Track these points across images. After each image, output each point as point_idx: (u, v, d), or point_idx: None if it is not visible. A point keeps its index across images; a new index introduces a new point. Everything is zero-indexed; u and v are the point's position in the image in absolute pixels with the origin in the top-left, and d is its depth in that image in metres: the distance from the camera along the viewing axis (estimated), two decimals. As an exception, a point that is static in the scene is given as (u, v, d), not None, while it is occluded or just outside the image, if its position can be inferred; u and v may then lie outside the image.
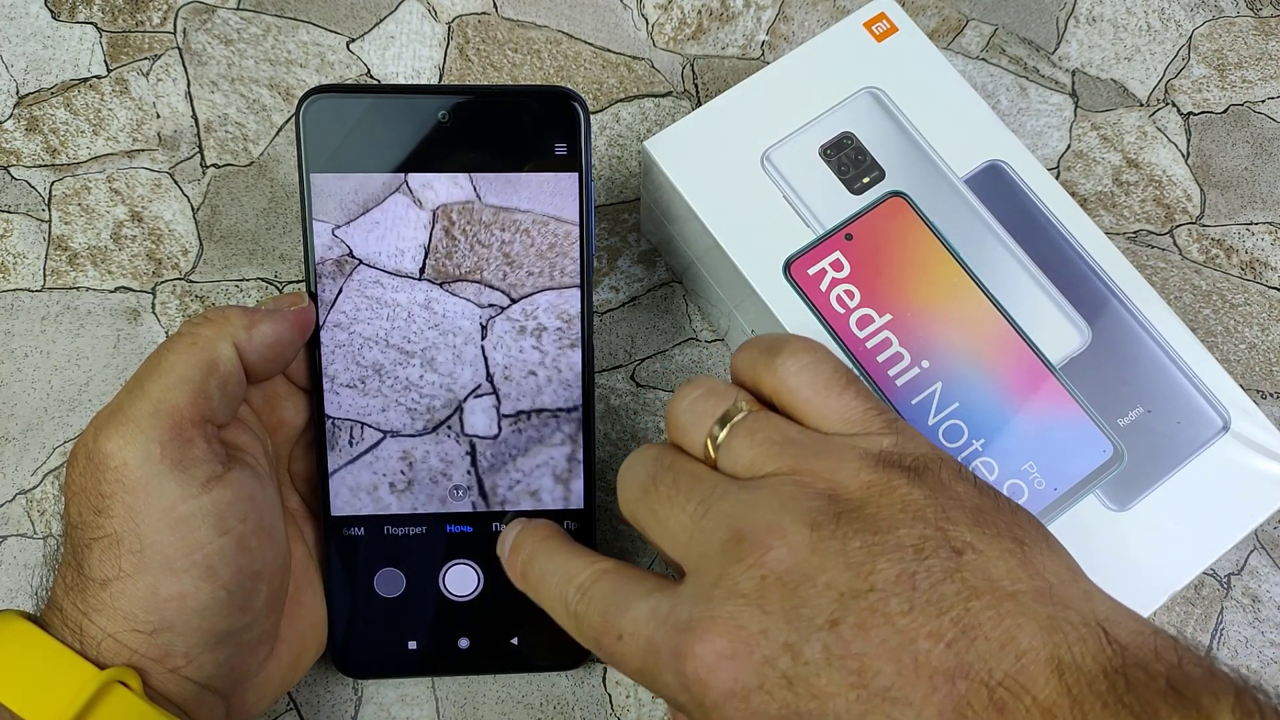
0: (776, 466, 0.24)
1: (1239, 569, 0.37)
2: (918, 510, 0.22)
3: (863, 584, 0.21)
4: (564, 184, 0.31)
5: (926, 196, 0.33)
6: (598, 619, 0.24)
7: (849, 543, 0.22)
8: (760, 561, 0.22)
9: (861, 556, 0.21)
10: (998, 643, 0.20)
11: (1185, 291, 0.40)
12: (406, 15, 0.43)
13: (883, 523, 0.22)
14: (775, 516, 0.22)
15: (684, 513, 0.24)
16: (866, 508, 0.22)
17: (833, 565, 0.21)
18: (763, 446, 0.24)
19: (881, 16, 0.35)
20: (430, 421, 0.32)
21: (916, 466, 0.23)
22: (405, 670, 0.33)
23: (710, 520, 0.23)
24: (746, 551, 0.22)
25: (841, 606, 0.21)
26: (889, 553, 0.21)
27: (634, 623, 0.23)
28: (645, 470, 0.26)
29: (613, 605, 0.24)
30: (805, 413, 0.25)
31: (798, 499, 0.23)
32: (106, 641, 0.26)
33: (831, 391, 0.25)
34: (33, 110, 0.41)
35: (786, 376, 0.25)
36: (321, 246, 0.31)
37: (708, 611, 0.22)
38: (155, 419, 0.26)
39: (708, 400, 0.26)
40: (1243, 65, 0.43)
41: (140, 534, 0.26)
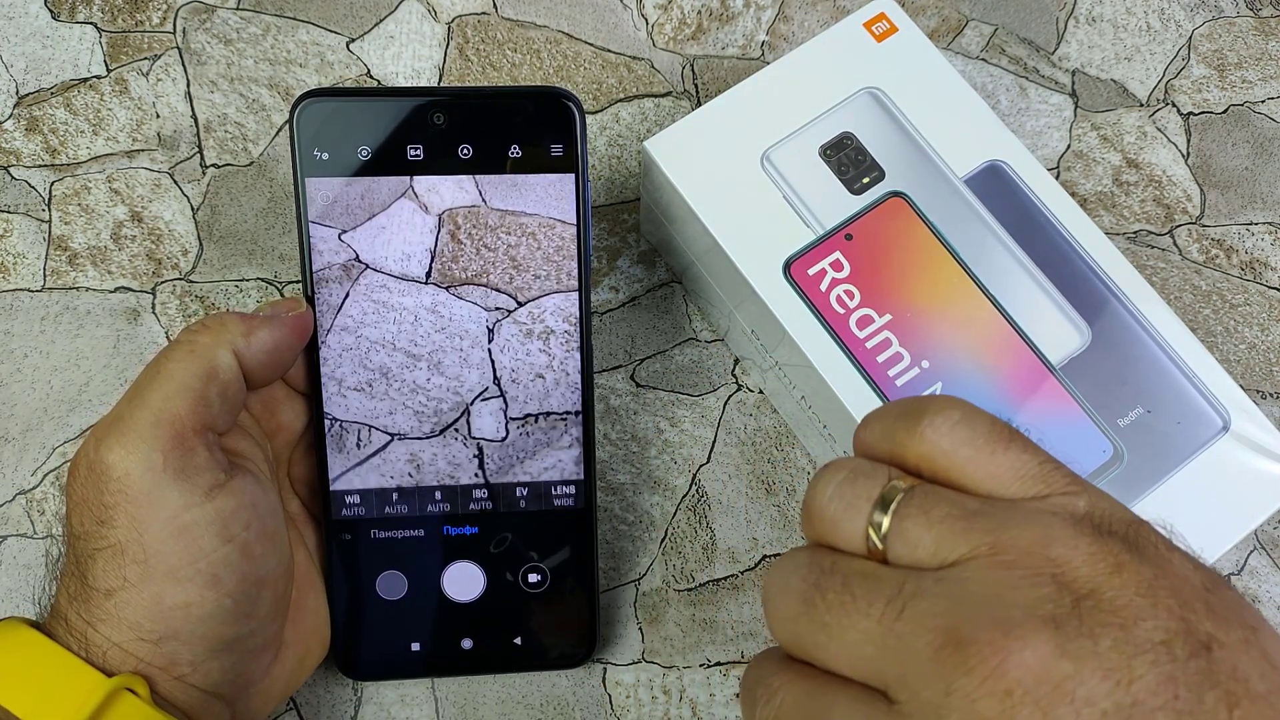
0: (970, 548, 0.19)
1: (1239, 569, 0.37)
2: (1154, 594, 0.18)
3: (1125, 696, 0.17)
4: (563, 185, 0.31)
5: (926, 197, 0.33)
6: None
7: (1099, 642, 0.18)
8: (1000, 672, 0.18)
9: (1116, 660, 0.18)
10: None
11: (1185, 291, 0.40)
12: (406, 15, 0.43)
13: (1125, 612, 0.18)
14: (1000, 611, 0.18)
15: (867, 619, 0.20)
16: (1102, 593, 0.18)
17: (1089, 673, 0.18)
18: (944, 524, 0.20)
19: (881, 17, 0.35)
20: (437, 425, 0.32)
21: (1131, 536, 0.19)
22: (408, 672, 0.33)
23: (907, 623, 0.19)
24: (976, 659, 0.18)
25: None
26: (1143, 653, 0.18)
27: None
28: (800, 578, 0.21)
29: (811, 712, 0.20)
30: (970, 476, 0.21)
31: (1018, 587, 0.19)
32: (112, 650, 0.26)
33: (996, 447, 0.21)
34: (33, 110, 0.41)
35: (938, 438, 0.21)
36: (328, 251, 0.31)
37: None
38: (156, 428, 0.26)
39: (855, 483, 0.22)
40: (1243, 65, 0.43)
41: (144, 544, 0.26)
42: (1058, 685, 0.17)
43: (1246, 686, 0.18)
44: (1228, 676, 0.18)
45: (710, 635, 0.36)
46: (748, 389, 0.38)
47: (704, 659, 0.35)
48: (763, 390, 0.38)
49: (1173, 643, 0.18)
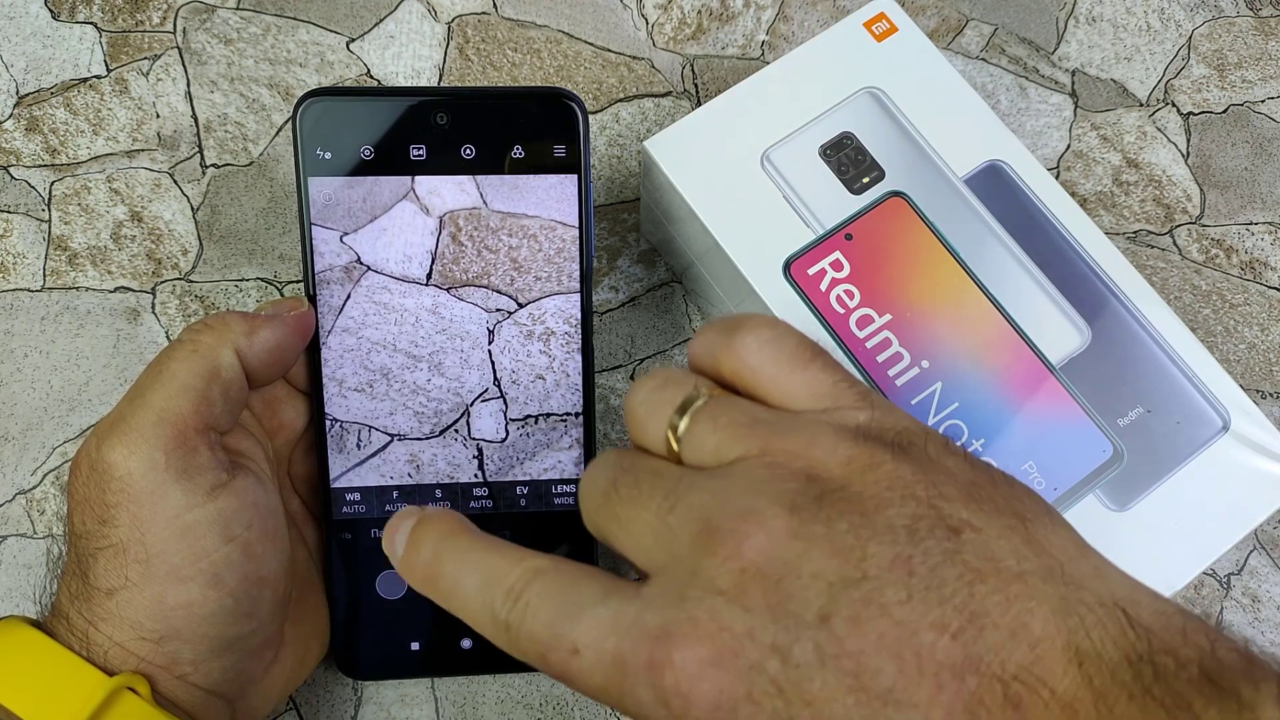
0: (745, 449, 0.21)
1: (1239, 569, 0.37)
2: (906, 487, 0.20)
3: (854, 571, 0.19)
4: (564, 186, 0.31)
5: (926, 196, 0.33)
6: (541, 630, 0.21)
7: (835, 526, 0.19)
8: (737, 552, 0.19)
9: (850, 540, 0.19)
10: (1008, 631, 0.18)
11: (1185, 291, 0.40)
12: (406, 15, 0.43)
13: (870, 502, 0.20)
14: (749, 502, 0.20)
15: (648, 511, 0.21)
16: (850, 486, 0.20)
17: (819, 552, 0.19)
18: (727, 430, 0.22)
19: (881, 16, 0.35)
20: (438, 425, 0.32)
21: (900, 441, 0.21)
22: (408, 671, 0.33)
23: (677, 515, 0.21)
24: (720, 543, 0.20)
25: (832, 599, 0.18)
26: (880, 535, 0.19)
27: (592, 633, 0.20)
28: (605, 475, 0.23)
29: (560, 613, 0.21)
30: (770, 391, 0.23)
31: (772, 481, 0.20)
32: (113, 650, 0.26)
33: (796, 365, 0.23)
34: (33, 110, 0.41)
35: (746, 355, 0.23)
36: (329, 252, 0.31)
37: (683, 613, 0.19)
38: (159, 428, 0.26)
39: (664, 390, 0.23)
40: (1243, 65, 0.43)
41: (146, 543, 0.26)
42: (787, 562, 0.19)
43: (997, 566, 0.19)
44: (976, 556, 0.19)
45: (710, 635, 0.36)
46: (748, 389, 0.38)
47: (704, 659, 0.35)
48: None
49: (916, 527, 0.19)
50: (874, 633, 0.18)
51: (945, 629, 0.18)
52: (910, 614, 0.18)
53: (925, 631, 0.18)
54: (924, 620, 0.18)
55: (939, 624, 0.18)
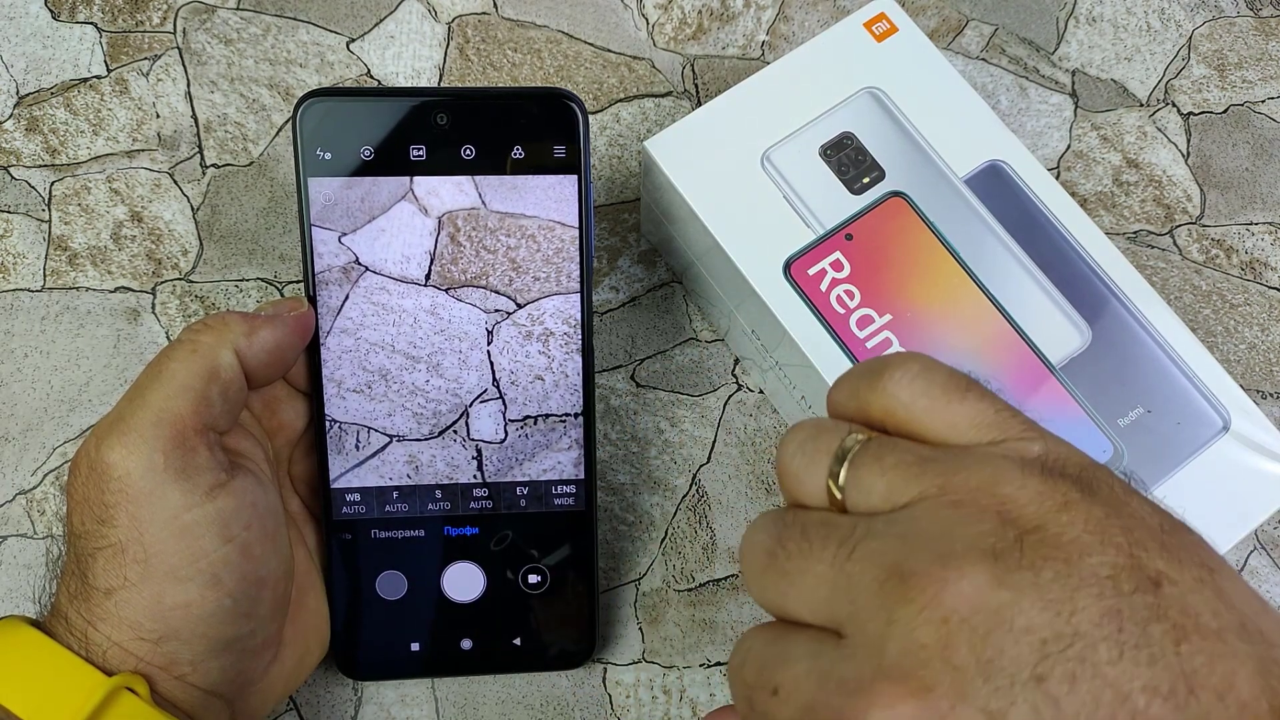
0: (921, 490, 0.20)
1: (1239, 569, 0.37)
2: (1104, 532, 0.19)
3: (1065, 626, 0.17)
4: (564, 186, 0.31)
5: (926, 196, 0.33)
6: (752, 672, 0.21)
7: (1040, 574, 0.18)
8: (937, 601, 0.18)
9: (1058, 591, 0.18)
10: (1216, 693, 0.17)
11: (1185, 292, 0.40)
12: (406, 15, 0.43)
13: (1071, 547, 0.18)
14: (942, 545, 0.19)
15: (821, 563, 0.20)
16: (1047, 528, 0.19)
17: (1028, 603, 0.18)
18: (896, 470, 0.20)
19: (881, 17, 0.35)
20: (436, 426, 0.32)
21: (1084, 477, 0.20)
22: (408, 672, 0.33)
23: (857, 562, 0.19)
24: (916, 590, 0.18)
25: (1045, 656, 0.17)
26: (1087, 585, 0.18)
27: (792, 677, 0.20)
28: (767, 534, 0.22)
29: (769, 655, 0.21)
30: (929, 427, 0.22)
31: (963, 523, 0.19)
32: (112, 650, 0.26)
33: (953, 396, 0.21)
34: (33, 110, 0.41)
35: (898, 391, 0.22)
36: (328, 253, 0.31)
37: (880, 667, 0.18)
38: (158, 428, 0.26)
39: (818, 439, 0.22)
40: (1243, 65, 0.43)
41: (145, 543, 0.26)
42: (995, 613, 0.18)
43: (1196, 621, 0.18)
44: (1177, 612, 0.18)
45: (710, 635, 0.36)
46: (748, 389, 0.38)
47: (704, 659, 0.35)
48: (763, 390, 0.38)
49: (1119, 578, 0.18)
50: (1090, 695, 0.17)
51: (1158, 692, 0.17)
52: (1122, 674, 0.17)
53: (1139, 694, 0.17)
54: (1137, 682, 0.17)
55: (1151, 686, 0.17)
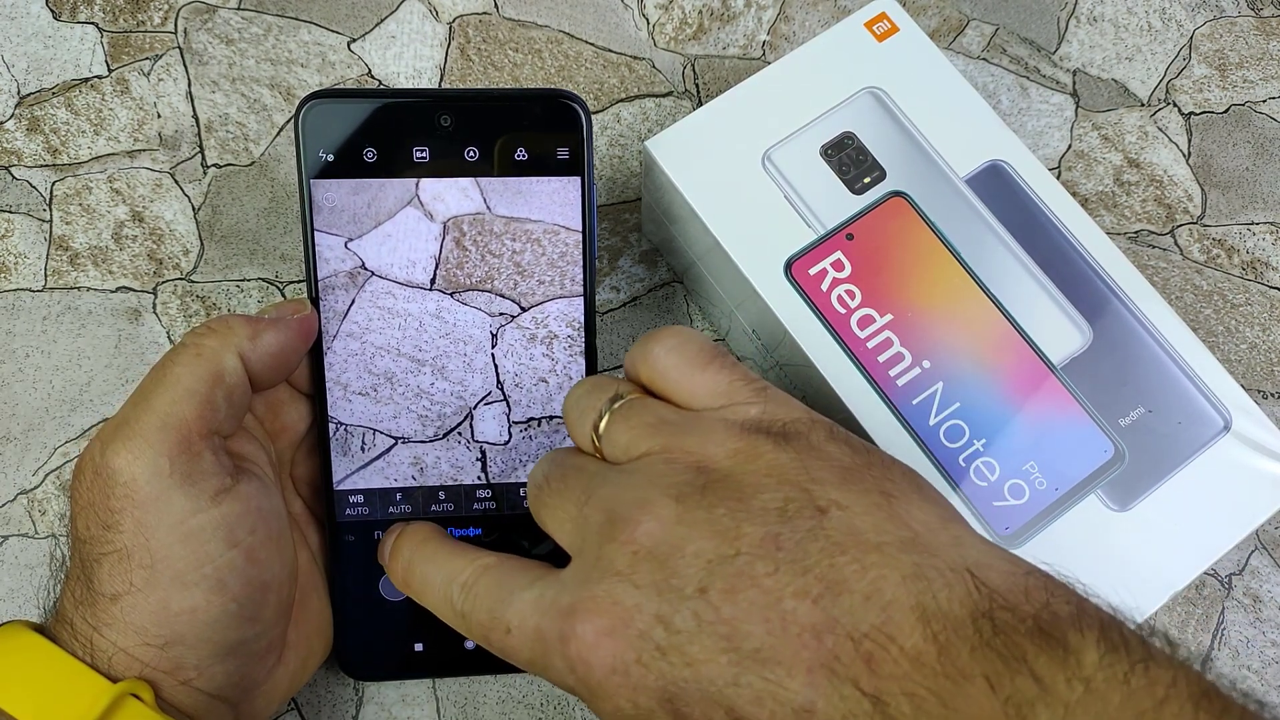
0: (649, 446, 0.24)
1: (1240, 569, 0.37)
2: (783, 473, 0.22)
3: (729, 549, 0.21)
4: (567, 188, 0.31)
5: (927, 196, 0.33)
6: (484, 615, 0.25)
7: (715, 511, 0.22)
8: (631, 537, 0.22)
9: (728, 523, 0.22)
10: (862, 595, 0.20)
11: (1186, 291, 0.40)
12: (407, 15, 0.43)
13: (748, 488, 0.22)
14: (644, 493, 0.23)
15: (570, 503, 0.25)
16: (733, 476, 0.23)
17: (700, 534, 0.22)
18: (637, 429, 0.25)
19: (882, 16, 0.35)
20: (441, 428, 0.32)
21: (785, 431, 0.24)
22: (412, 672, 0.33)
23: (590, 506, 0.24)
24: (619, 530, 0.22)
25: (709, 573, 0.21)
26: (753, 516, 0.22)
27: (520, 614, 0.23)
28: (541, 471, 0.26)
29: (498, 599, 0.24)
30: (676, 392, 0.26)
31: (666, 474, 0.23)
32: (118, 655, 0.26)
33: (696, 367, 0.26)
34: (34, 110, 0.41)
35: (656, 360, 0.26)
36: (333, 257, 0.31)
37: (586, 592, 0.22)
38: (163, 433, 0.26)
39: (592, 394, 0.27)
40: (1244, 65, 0.43)
41: (150, 549, 0.26)
42: (672, 544, 0.22)
43: (858, 539, 0.21)
44: (839, 531, 0.21)
45: (711, 635, 0.36)
46: (749, 389, 0.38)
47: (705, 659, 0.35)
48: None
49: (786, 509, 0.22)
50: (745, 601, 0.21)
51: (807, 595, 0.20)
52: (776, 583, 0.21)
53: (789, 599, 0.20)
54: (788, 588, 0.21)
55: (801, 591, 0.20)
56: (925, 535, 0.21)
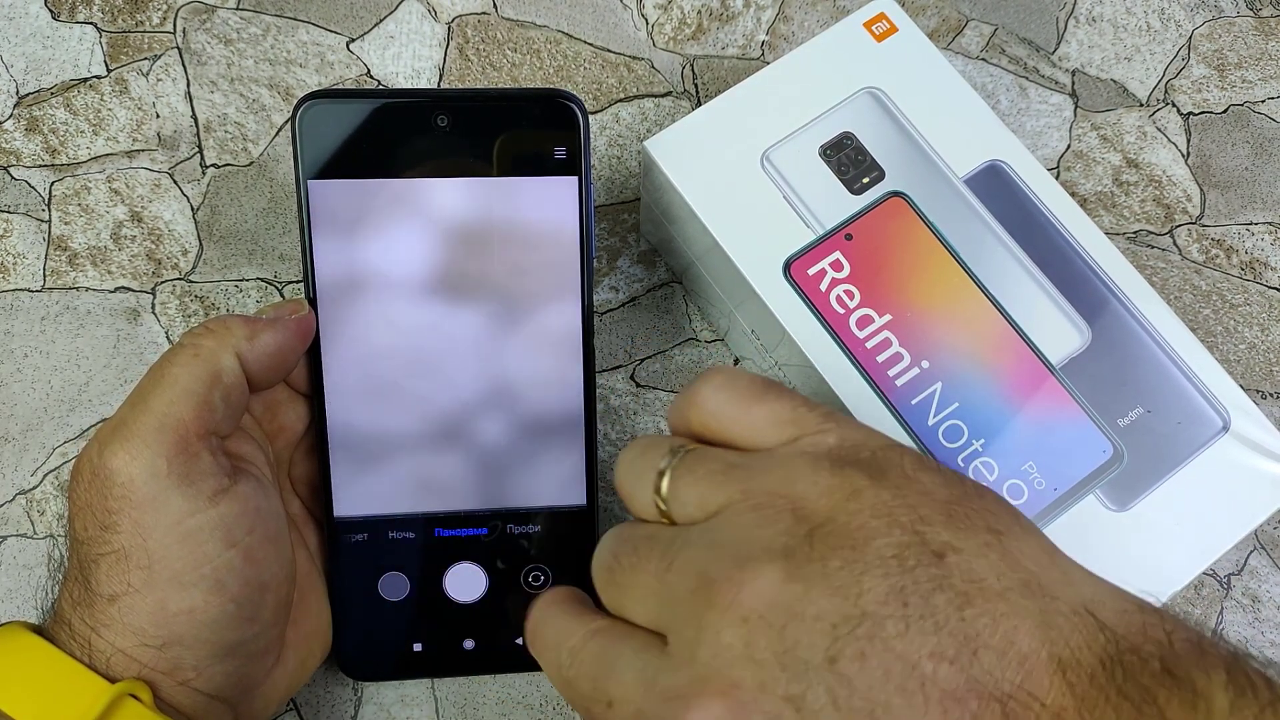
0: (727, 497, 0.22)
1: (1239, 569, 0.37)
2: (889, 514, 0.20)
3: (853, 609, 0.19)
4: (564, 188, 0.31)
5: (926, 196, 0.33)
6: (587, 685, 0.22)
7: (829, 564, 0.20)
8: (736, 602, 0.20)
9: (845, 578, 0.20)
10: (998, 651, 0.19)
11: (1185, 292, 0.40)
12: (406, 15, 0.43)
13: (858, 534, 0.20)
14: (741, 549, 0.21)
15: (648, 575, 0.22)
16: (836, 519, 0.21)
17: (818, 593, 0.19)
18: (706, 480, 0.22)
19: (881, 17, 0.35)
20: (440, 430, 0.32)
21: (875, 462, 0.22)
22: (410, 672, 0.33)
23: (674, 573, 0.21)
24: (718, 595, 0.20)
25: (836, 640, 0.19)
26: (872, 568, 0.20)
27: (623, 688, 0.21)
28: (607, 550, 0.24)
29: (601, 669, 0.22)
30: (736, 433, 0.24)
31: (760, 525, 0.21)
32: (116, 656, 0.26)
33: (751, 400, 0.24)
34: (33, 110, 0.41)
35: (706, 402, 0.24)
36: (330, 263, 0.30)
37: (694, 672, 0.20)
38: (160, 433, 0.26)
39: (645, 456, 0.24)
40: (1243, 65, 0.43)
41: (148, 549, 0.26)
42: (788, 607, 0.19)
43: (980, 586, 0.19)
44: (961, 579, 0.19)
45: (710, 635, 0.36)
46: (748, 389, 0.38)
47: (704, 659, 0.35)
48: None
49: (904, 555, 0.20)
50: (880, 669, 0.19)
51: (943, 657, 0.19)
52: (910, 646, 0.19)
53: (925, 661, 0.19)
54: (923, 651, 0.19)
55: (937, 653, 0.19)
56: (1040, 575, 0.20)
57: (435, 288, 0.31)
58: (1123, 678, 0.18)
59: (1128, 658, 0.19)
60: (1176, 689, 0.18)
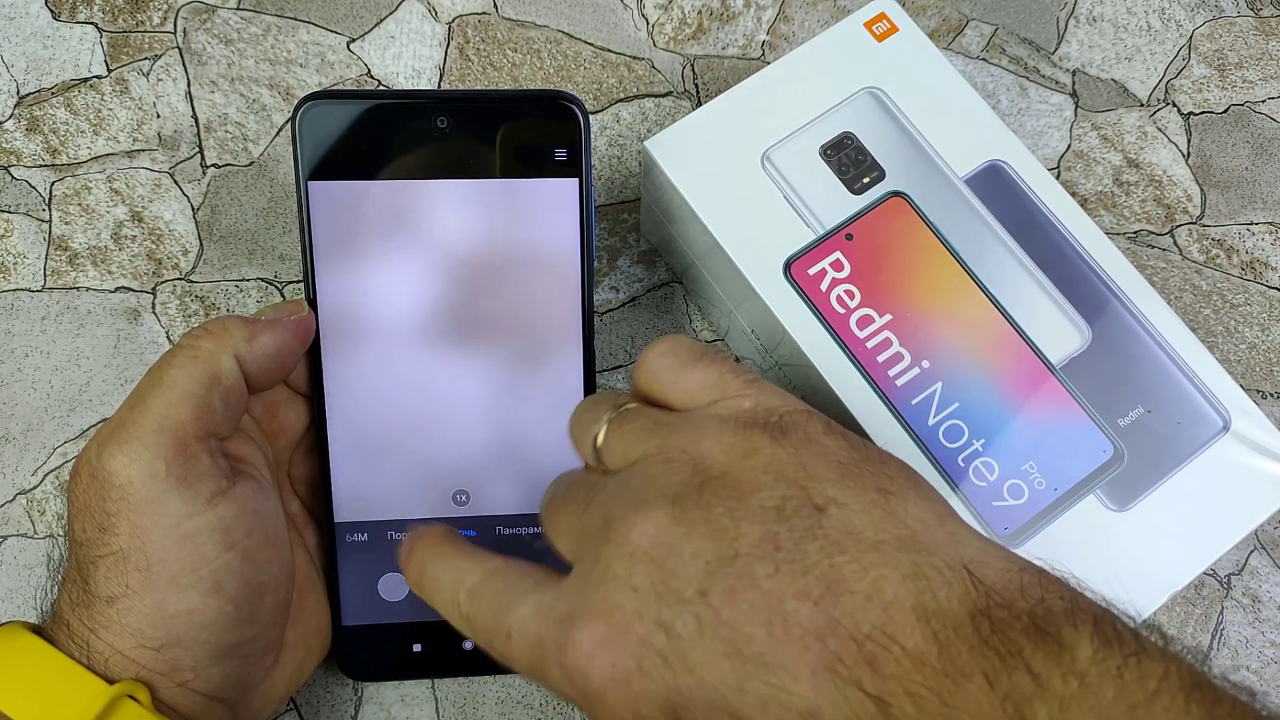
0: (645, 449, 0.24)
1: (1239, 569, 0.37)
2: (781, 470, 0.22)
3: (728, 550, 0.21)
4: (565, 189, 0.31)
5: (927, 196, 0.33)
6: (488, 619, 0.24)
7: (712, 510, 0.22)
8: (626, 538, 0.22)
9: (726, 523, 0.21)
10: (864, 596, 0.20)
11: (1185, 291, 0.40)
12: (406, 15, 0.43)
13: (746, 486, 0.22)
14: (640, 495, 0.23)
15: (571, 514, 0.24)
16: (730, 473, 0.22)
17: (698, 535, 0.21)
18: (632, 435, 0.25)
19: (882, 16, 0.35)
20: (439, 427, 0.32)
21: (781, 424, 0.23)
22: (410, 673, 0.33)
23: (589, 513, 0.24)
24: (614, 532, 0.22)
25: (709, 575, 0.21)
26: (751, 516, 0.21)
27: (521, 620, 0.23)
28: (549, 493, 0.26)
29: (500, 604, 0.24)
30: (670, 396, 0.26)
31: (662, 475, 0.23)
32: (114, 657, 0.26)
33: (685, 366, 0.25)
34: (33, 110, 0.41)
35: (649, 365, 0.26)
36: (329, 263, 0.30)
37: (584, 598, 0.22)
38: (159, 435, 0.26)
39: (591, 409, 0.27)
40: (1243, 65, 0.43)
41: (146, 551, 0.26)
42: (669, 545, 0.21)
43: (856, 538, 0.21)
44: (837, 531, 0.21)
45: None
46: (748, 389, 0.38)
47: (704, 659, 0.35)
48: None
49: (784, 507, 0.21)
50: (746, 604, 0.20)
51: (808, 597, 0.20)
52: (777, 585, 0.20)
53: (790, 600, 0.20)
54: (789, 590, 0.20)
55: (802, 593, 0.20)
56: (922, 533, 0.21)
57: (435, 289, 0.31)
58: (989, 630, 0.19)
59: (998, 612, 0.19)
60: (1043, 641, 0.19)
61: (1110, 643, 0.18)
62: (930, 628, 0.19)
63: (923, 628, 0.19)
